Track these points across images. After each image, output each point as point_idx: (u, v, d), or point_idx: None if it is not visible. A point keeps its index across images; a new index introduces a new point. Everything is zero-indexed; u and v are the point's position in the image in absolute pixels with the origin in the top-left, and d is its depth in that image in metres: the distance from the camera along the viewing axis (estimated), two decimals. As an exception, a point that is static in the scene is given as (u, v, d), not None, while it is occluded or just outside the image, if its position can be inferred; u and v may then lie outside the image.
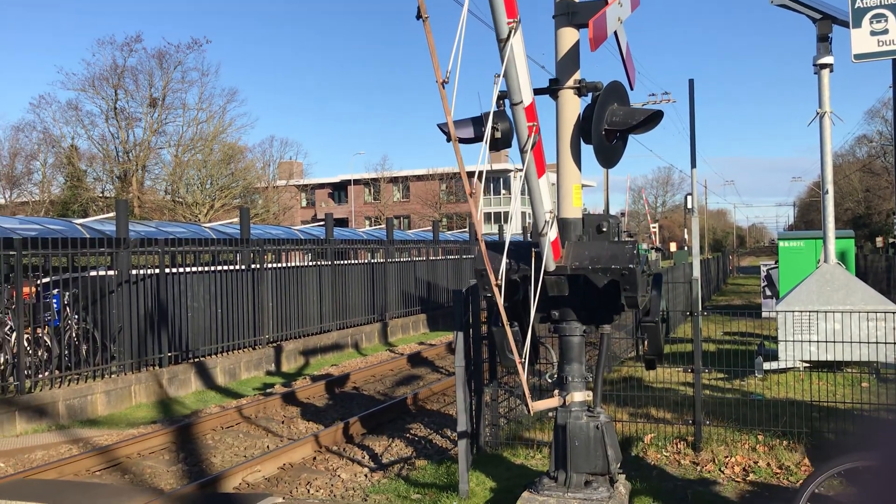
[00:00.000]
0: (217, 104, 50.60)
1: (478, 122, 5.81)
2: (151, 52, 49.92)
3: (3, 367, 12.14)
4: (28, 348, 12.02)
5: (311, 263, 19.18)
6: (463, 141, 5.89)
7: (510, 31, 4.65)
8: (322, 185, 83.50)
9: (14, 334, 12.17)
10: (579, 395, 6.02)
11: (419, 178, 74.71)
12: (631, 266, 5.54)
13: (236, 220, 28.84)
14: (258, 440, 10.18)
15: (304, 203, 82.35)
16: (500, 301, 5.06)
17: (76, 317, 12.96)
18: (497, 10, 4.62)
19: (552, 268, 5.61)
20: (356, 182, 78.88)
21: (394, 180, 78.06)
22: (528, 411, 5.33)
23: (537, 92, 6.11)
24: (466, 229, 36.52)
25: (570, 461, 5.94)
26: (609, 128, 5.78)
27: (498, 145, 5.75)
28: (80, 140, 50.79)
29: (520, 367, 5.18)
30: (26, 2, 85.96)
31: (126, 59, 49.09)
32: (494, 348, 8.32)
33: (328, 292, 19.26)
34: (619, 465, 6.09)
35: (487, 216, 74.14)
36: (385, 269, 22.39)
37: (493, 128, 5.58)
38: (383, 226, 36.80)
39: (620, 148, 6.07)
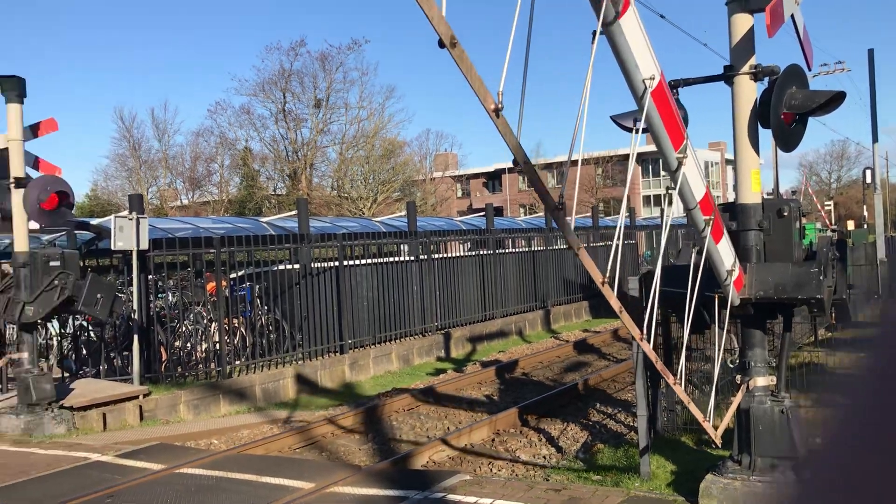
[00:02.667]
0: (377, 102, 52.33)
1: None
2: (315, 55, 52.59)
3: (204, 354, 13.46)
4: (226, 337, 13.26)
5: (473, 253, 19.73)
6: (629, 129, 6.06)
7: (679, 163, 4.80)
8: (476, 175, 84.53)
9: (213, 325, 13.48)
10: (762, 380, 6.04)
11: (574, 163, 73.93)
12: (819, 296, 5.50)
13: (400, 213, 29.95)
14: (438, 422, 10.75)
15: (459, 193, 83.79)
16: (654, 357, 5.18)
17: (265, 308, 14.13)
18: (665, 148, 4.74)
19: (737, 302, 5.68)
20: (510, 170, 79.18)
21: (548, 166, 77.67)
22: (715, 443, 5.47)
23: (710, 79, 6.16)
24: (626, 214, 35.91)
25: (755, 445, 5.98)
26: (788, 111, 5.74)
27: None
28: (253, 142, 54.36)
29: (699, 417, 5.31)
30: (202, 14, 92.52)
31: (292, 62, 51.90)
32: (670, 336, 8.39)
33: (490, 281, 19.75)
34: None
35: (647, 199, 72.39)
36: (545, 257, 22.60)
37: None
38: (539, 213, 36.92)
39: (800, 131, 6.00)
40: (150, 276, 12.58)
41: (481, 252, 19.81)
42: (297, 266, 14.46)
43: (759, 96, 5.94)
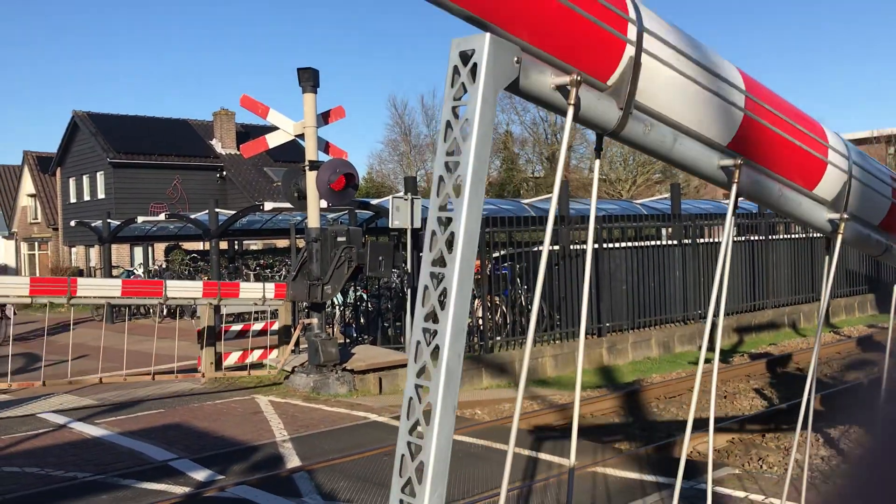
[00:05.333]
0: (637, 80, 50.99)
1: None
2: (578, 36, 52.13)
3: (467, 328, 14.07)
4: (488, 314, 13.77)
5: (741, 238, 18.62)
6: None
7: None
8: (744, 156, 79.43)
9: (476, 301, 14.03)
10: None
11: (860, 141, 66.87)
12: None
13: (661, 195, 29.05)
14: (702, 413, 10.35)
15: (724, 175, 79.39)
16: None
17: (524, 287, 14.44)
18: None
19: None
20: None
21: (887, 140, 70.93)
22: None
23: None
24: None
25: None
26: None
27: None
28: (514, 125, 55.64)
29: None
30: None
31: (554, 45, 52.02)
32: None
33: (761, 268, 18.53)
34: None
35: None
36: (825, 244, 20.71)
37: None
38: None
39: None
40: (420, 253, 13.38)
41: (751, 237, 18.64)
42: (556, 247, 14.59)
43: None
